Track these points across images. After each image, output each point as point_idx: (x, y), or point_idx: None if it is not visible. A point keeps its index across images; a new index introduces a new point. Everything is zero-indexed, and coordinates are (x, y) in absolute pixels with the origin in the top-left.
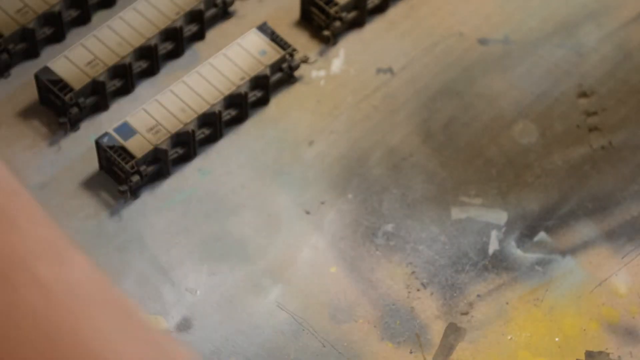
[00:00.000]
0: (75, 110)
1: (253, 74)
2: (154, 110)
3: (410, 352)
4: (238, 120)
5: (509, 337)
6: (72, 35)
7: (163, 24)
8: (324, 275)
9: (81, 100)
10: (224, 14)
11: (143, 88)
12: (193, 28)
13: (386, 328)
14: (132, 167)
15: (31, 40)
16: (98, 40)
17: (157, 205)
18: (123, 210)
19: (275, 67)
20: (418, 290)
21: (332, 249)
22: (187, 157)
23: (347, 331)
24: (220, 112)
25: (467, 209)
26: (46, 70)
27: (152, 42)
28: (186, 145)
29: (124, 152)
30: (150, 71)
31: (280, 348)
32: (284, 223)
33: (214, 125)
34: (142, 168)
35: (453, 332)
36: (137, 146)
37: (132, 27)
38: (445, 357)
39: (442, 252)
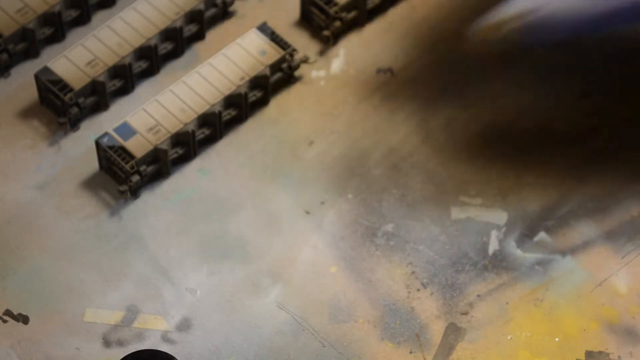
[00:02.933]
0: (75, 110)
1: (253, 74)
2: (153, 110)
3: (410, 352)
4: (238, 120)
5: (509, 337)
6: (72, 35)
7: (163, 24)
8: (324, 275)
9: (81, 100)
10: (224, 14)
11: (143, 88)
12: (193, 28)
13: (386, 328)
14: (132, 167)
15: (31, 40)
16: (98, 40)
17: (157, 205)
18: (123, 210)
19: (275, 67)
20: (418, 290)
21: (332, 249)
22: (187, 157)
23: (347, 331)
24: (220, 112)
25: (467, 209)
26: (46, 70)
27: (152, 42)
28: (186, 145)
29: (124, 152)
30: (150, 71)
31: (280, 348)
32: (284, 223)
33: (213, 125)
34: (142, 168)
35: (453, 332)
36: (137, 146)
37: (132, 27)
38: (445, 357)
39: (442, 252)
